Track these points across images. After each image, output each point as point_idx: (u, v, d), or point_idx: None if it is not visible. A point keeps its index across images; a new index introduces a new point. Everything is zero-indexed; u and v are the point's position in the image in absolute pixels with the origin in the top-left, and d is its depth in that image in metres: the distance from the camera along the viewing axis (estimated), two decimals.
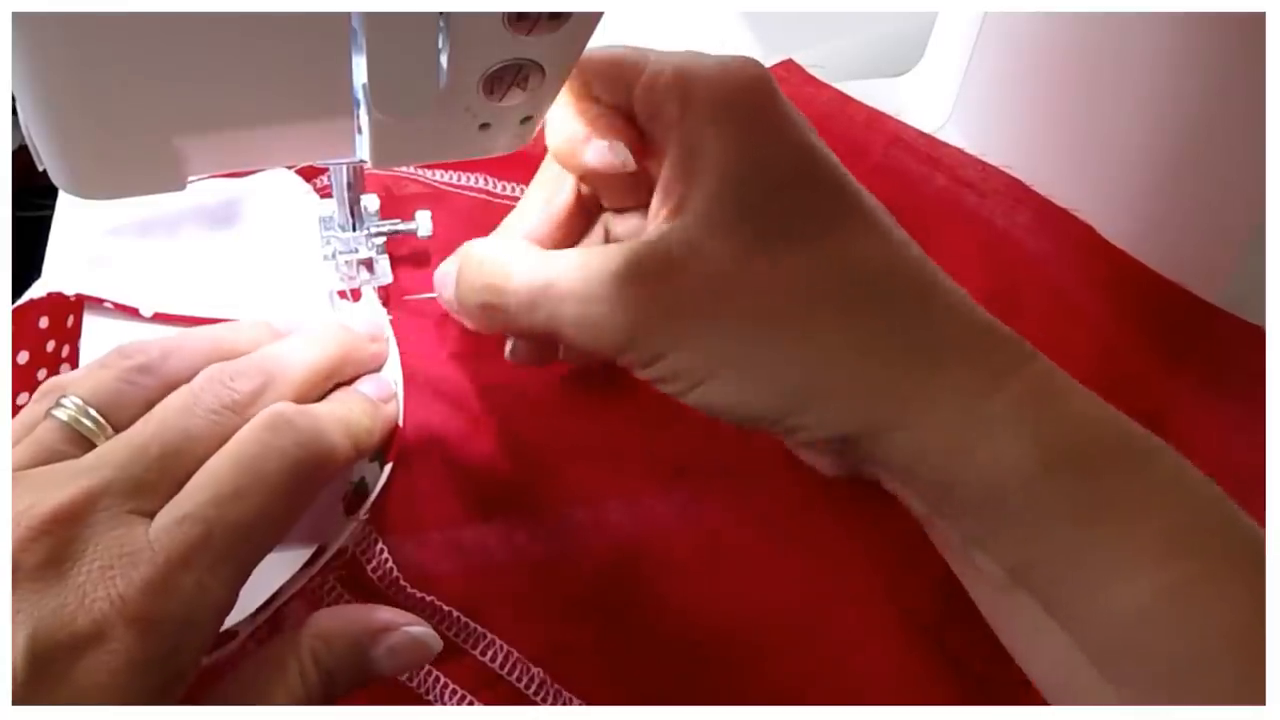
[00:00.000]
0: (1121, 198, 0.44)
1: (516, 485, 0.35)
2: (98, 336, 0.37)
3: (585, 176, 0.35)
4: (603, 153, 0.32)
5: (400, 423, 0.34)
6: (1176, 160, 0.41)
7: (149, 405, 0.29)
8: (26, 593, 0.24)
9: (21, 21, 0.21)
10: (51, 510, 0.25)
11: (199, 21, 0.22)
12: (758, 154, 0.29)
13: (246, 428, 0.28)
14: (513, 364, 0.36)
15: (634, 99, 0.32)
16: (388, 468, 0.33)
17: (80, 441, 0.28)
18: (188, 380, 0.30)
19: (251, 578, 0.27)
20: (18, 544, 0.24)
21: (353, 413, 0.32)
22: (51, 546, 0.25)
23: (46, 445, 0.27)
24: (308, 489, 0.29)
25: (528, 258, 0.32)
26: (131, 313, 0.37)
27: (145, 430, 0.28)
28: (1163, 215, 0.43)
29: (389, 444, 0.33)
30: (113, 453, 0.27)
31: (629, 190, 0.35)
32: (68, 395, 0.28)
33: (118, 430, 0.28)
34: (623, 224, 0.36)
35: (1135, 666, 0.26)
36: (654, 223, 0.31)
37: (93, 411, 0.28)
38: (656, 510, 0.35)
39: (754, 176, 0.29)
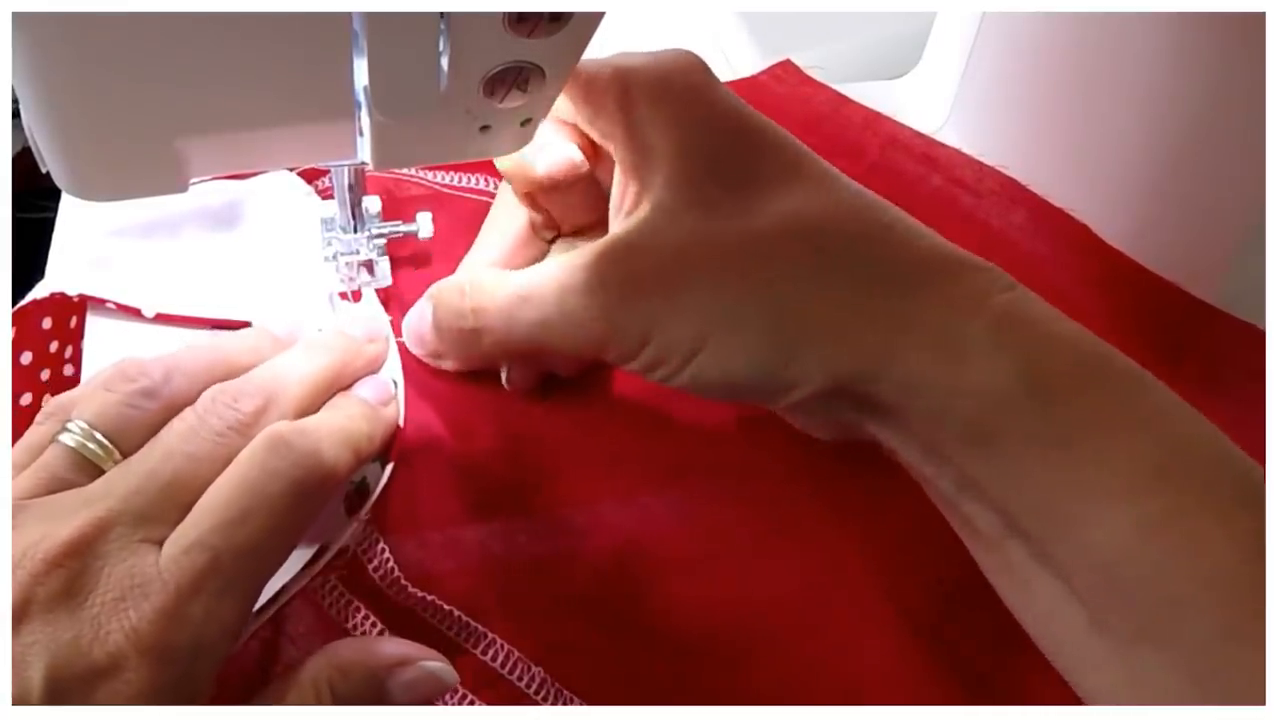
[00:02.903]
0: (1119, 198, 0.44)
1: (517, 485, 0.35)
2: (100, 337, 0.37)
3: (539, 199, 0.35)
4: (553, 159, 0.33)
5: (401, 423, 0.34)
6: (1173, 161, 0.41)
7: (154, 428, 0.29)
8: (42, 624, 0.24)
9: (24, 22, 0.21)
10: (65, 542, 0.25)
11: (201, 23, 0.22)
12: (699, 130, 0.30)
13: (246, 451, 0.28)
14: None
15: (576, 106, 0.32)
16: (389, 468, 0.33)
17: (87, 467, 0.28)
18: (191, 399, 0.30)
19: None
20: (33, 577, 0.25)
21: (352, 421, 0.32)
22: (65, 579, 0.25)
23: (53, 472, 0.28)
24: (311, 507, 0.29)
25: (501, 277, 0.33)
26: (134, 313, 0.37)
27: (152, 457, 0.28)
28: (1159, 215, 0.43)
29: (390, 444, 0.34)
30: (121, 481, 0.27)
31: (583, 207, 0.35)
32: (73, 419, 0.29)
33: (124, 454, 0.29)
34: (583, 243, 0.36)
35: (1119, 613, 0.26)
36: (615, 219, 0.32)
37: (99, 436, 0.28)
38: (655, 510, 0.35)
39: (699, 152, 0.30)
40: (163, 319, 0.37)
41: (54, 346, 0.36)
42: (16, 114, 0.25)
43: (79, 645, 0.24)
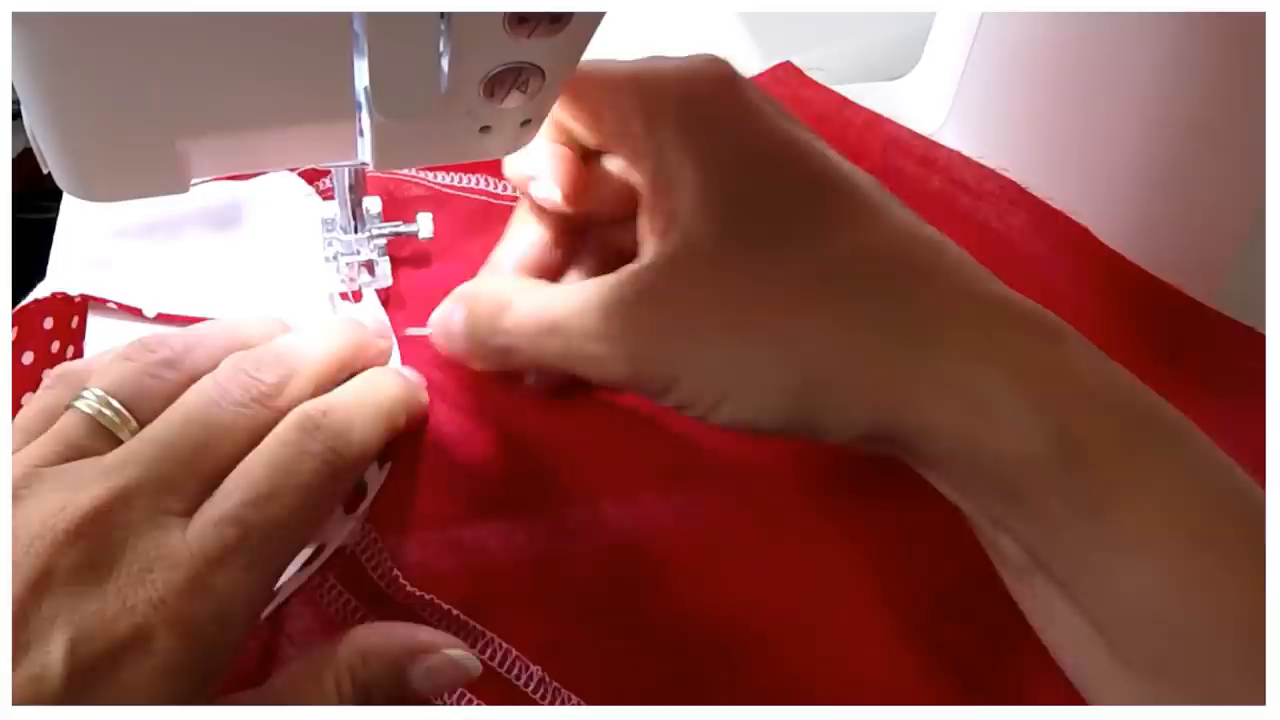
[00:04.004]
0: (1118, 198, 0.44)
1: (516, 485, 0.35)
2: (101, 338, 0.37)
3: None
4: (545, 192, 0.32)
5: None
6: (1173, 161, 0.41)
7: (172, 398, 0.29)
8: (64, 596, 0.24)
9: (26, 24, 0.21)
10: (86, 512, 0.25)
11: (202, 23, 0.22)
12: (730, 161, 0.29)
13: (277, 430, 0.28)
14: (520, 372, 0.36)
15: (596, 123, 0.31)
16: (386, 467, 0.33)
17: (104, 434, 0.28)
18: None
19: None
20: (54, 548, 0.24)
21: (385, 394, 0.32)
22: (88, 549, 0.25)
23: (70, 440, 0.27)
24: (339, 486, 0.29)
25: (533, 297, 0.31)
26: (135, 313, 0.37)
27: (172, 426, 0.28)
28: (1159, 216, 0.43)
29: (389, 444, 0.34)
30: (141, 450, 0.27)
31: (618, 203, 0.34)
32: (89, 387, 0.28)
33: (141, 423, 0.28)
34: (620, 234, 0.35)
35: (1142, 653, 0.25)
36: (643, 244, 0.31)
37: (115, 404, 0.28)
38: (656, 510, 0.35)
39: (730, 186, 0.29)
40: (164, 319, 0.37)
41: (55, 346, 0.36)
42: (17, 114, 0.25)
43: (103, 618, 0.24)
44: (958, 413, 0.27)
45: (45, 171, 0.26)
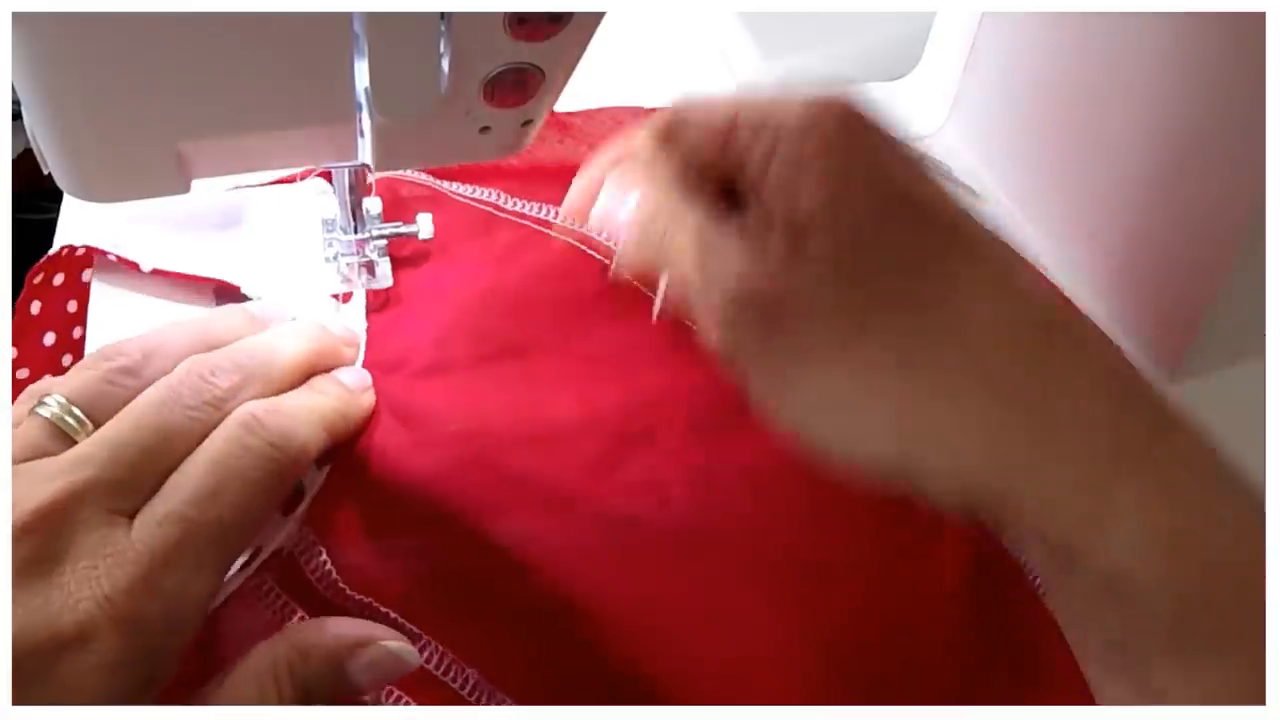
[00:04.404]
0: (1118, 197, 0.44)
1: (458, 494, 0.34)
2: (102, 329, 0.37)
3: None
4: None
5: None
6: (1174, 160, 0.41)
7: None
8: (11, 590, 0.24)
9: (28, 26, 0.21)
10: (36, 509, 0.25)
11: (203, 25, 0.22)
12: (852, 204, 0.27)
13: (220, 428, 0.29)
14: (466, 380, 0.36)
15: (711, 146, 0.29)
16: (325, 470, 0.33)
17: (62, 439, 0.28)
18: None
19: None
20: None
21: (327, 400, 0.32)
22: (36, 545, 0.25)
23: (29, 442, 0.28)
24: (282, 484, 0.29)
25: (707, 236, 0.28)
26: (132, 267, 0.37)
27: (124, 427, 0.28)
28: (1158, 216, 0.43)
29: (328, 448, 0.33)
30: (94, 451, 0.27)
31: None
32: (51, 394, 0.29)
33: (99, 428, 0.28)
34: None
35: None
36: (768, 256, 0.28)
37: (76, 410, 0.28)
38: (598, 525, 0.34)
39: (851, 225, 0.27)
40: (159, 274, 0.37)
41: (78, 332, 0.36)
42: (17, 115, 0.25)
43: (47, 613, 0.24)
44: (1075, 514, 0.25)
45: (45, 172, 0.26)
